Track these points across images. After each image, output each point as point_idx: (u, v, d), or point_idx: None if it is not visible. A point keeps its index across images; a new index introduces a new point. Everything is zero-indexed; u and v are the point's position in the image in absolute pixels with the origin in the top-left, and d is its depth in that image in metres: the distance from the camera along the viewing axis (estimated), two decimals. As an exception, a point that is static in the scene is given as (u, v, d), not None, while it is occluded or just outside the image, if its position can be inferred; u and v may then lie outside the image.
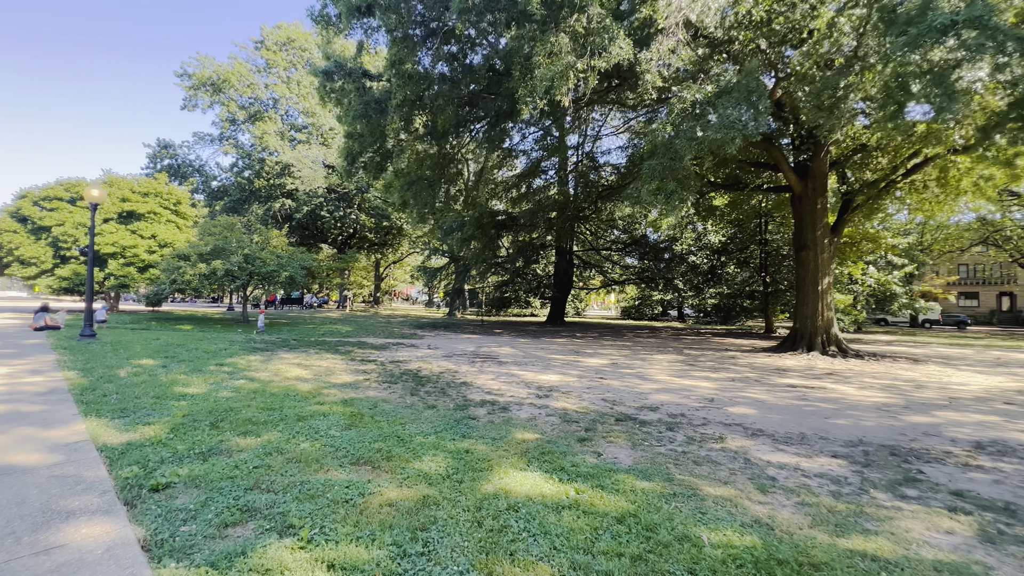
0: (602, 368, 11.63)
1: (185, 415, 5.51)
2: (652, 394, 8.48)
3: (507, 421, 6.01)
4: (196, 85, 36.82)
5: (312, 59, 39.07)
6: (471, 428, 5.55)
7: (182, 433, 4.86)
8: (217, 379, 7.84)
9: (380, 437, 4.95)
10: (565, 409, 6.92)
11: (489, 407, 6.84)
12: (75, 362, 8.95)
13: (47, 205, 24.46)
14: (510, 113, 12.41)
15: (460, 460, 4.37)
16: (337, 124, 38.46)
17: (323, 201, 35.48)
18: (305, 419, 5.55)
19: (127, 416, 5.42)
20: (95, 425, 5.00)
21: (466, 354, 13.71)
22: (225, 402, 6.25)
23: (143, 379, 7.52)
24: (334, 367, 10.05)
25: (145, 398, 6.24)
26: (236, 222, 23.39)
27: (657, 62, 8.57)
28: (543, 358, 13.30)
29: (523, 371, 10.71)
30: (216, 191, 38.69)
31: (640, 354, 15.20)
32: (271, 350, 12.58)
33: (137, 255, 24.32)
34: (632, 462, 4.63)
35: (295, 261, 21.39)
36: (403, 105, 11.65)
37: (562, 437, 5.38)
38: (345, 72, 13.05)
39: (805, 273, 16.00)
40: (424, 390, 7.92)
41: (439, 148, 15.18)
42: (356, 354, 12.59)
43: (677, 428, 6.04)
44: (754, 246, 27.67)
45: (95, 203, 12.79)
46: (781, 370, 12.23)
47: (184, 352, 11.02)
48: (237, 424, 5.25)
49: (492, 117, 14.01)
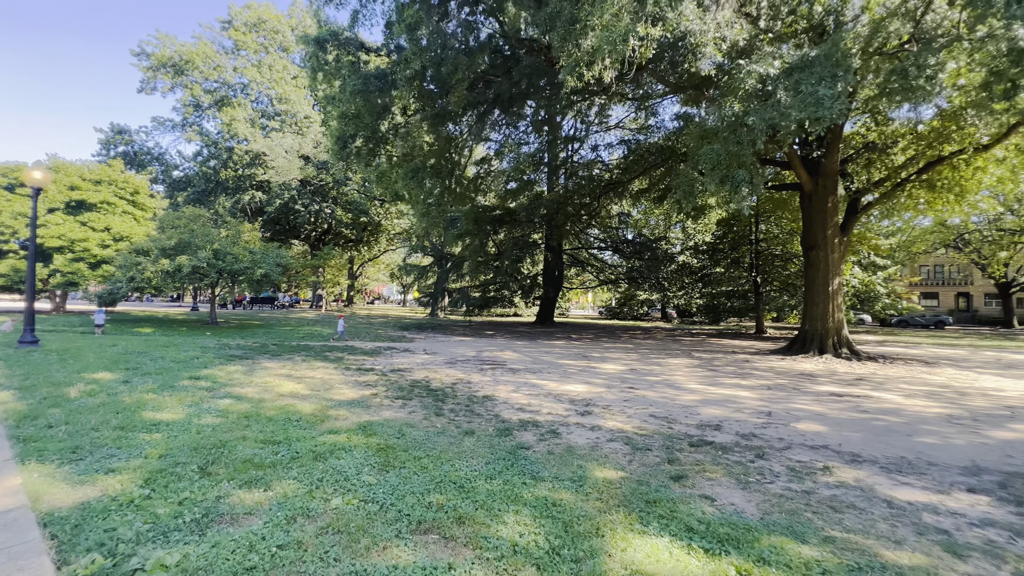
0: (624, 376, 10.73)
1: (163, 455, 4.20)
2: (698, 407, 7.63)
3: (569, 451, 4.95)
4: (155, 66, 33.88)
5: (284, 42, 36.71)
6: (534, 464, 4.45)
7: (162, 485, 3.58)
8: (195, 398, 6.45)
9: (432, 484, 3.80)
10: (621, 431, 5.94)
11: (534, 430, 5.79)
12: (11, 378, 7.33)
13: (-20, 192, 21.73)
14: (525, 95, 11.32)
15: (552, 520, 3.29)
16: (313, 112, 36.36)
17: (297, 194, 33.31)
18: (323, 457, 4.33)
19: (82, 459, 4.06)
20: (36, 477, 3.65)
21: (469, 360, 12.56)
22: (212, 433, 4.94)
23: (100, 401, 6.06)
24: (330, 379, 8.74)
25: (105, 429, 4.85)
26: (204, 214, 21.36)
27: (714, 34, 7.67)
28: (554, 364, 12.30)
29: (542, 380, 9.69)
30: (178, 181, 35.83)
31: (651, 358, 14.41)
32: (251, 357, 11.09)
33: (88, 249, 21.88)
34: (760, 511, 3.66)
35: (270, 258, 19.63)
36: (414, 78, 10.29)
37: (650, 474, 4.36)
38: (340, 42, 11.55)
39: (815, 273, 15.56)
40: (447, 408, 6.77)
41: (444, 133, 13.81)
42: (349, 361, 11.26)
43: (766, 455, 5.14)
44: (745, 246, 27.47)
45: (38, 187, 10.94)
46: (807, 375, 11.64)
47: (149, 362, 9.44)
48: (235, 467, 3.99)
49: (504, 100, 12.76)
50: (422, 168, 13.97)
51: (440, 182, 15.10)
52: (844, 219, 16.49)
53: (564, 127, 22.85)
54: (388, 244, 48.34)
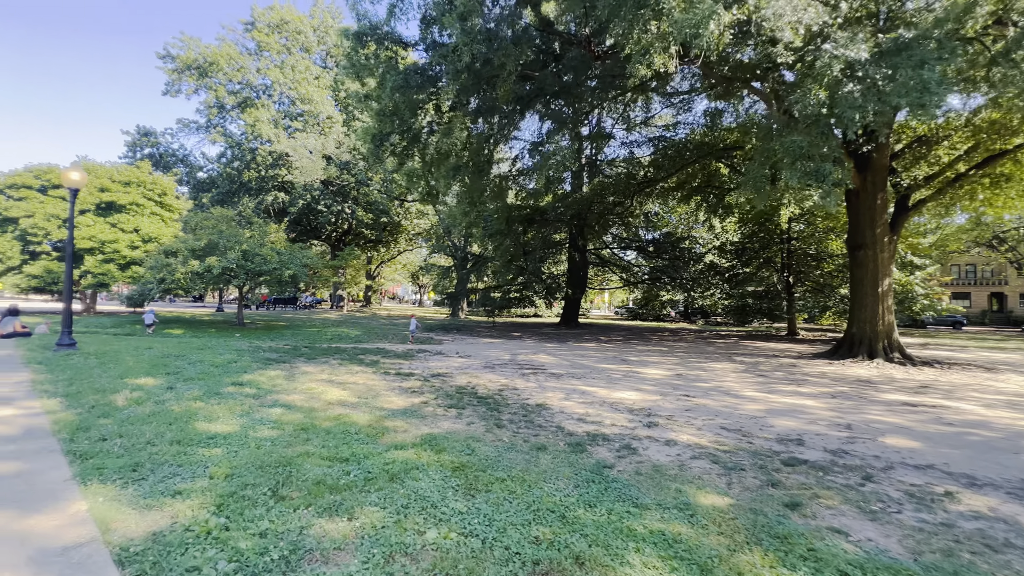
0: (672, 382, 10.26)
1: (228, 474, 3.88)
2: (767, 418, 7.16)
3: (656, 471, 4.53)
4: (180, 68, 34.17)
5: (306, 42, 36.74)
6: (627, 487, 4.04)
7: (236, 512, 3.25)
8: (245, 407, 6.17)
9: (529, 513, 3.41)
10: (700, 446, 5.51)
11: (606, 445, 5.39)
12: (55, 383, 7.14)
13: (14, 194, 21.97)
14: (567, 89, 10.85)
15: (683, 561, 2.88)
16: (335, 113, 36.39)
17: (319, 194, 33.30)
18: (399, 478, 3.98)
19: (144, 479, 3.76)
20: (101, 501, 3.34)
21: (506, 364, 12.19)
22: (272, 447, 4.63)
23: (149, 410, 5.81)
24: (373, 384, 8.43)
25: (161, 443, 4.57)
26: (231, 215, 21.34)
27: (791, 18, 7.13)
28: (594, 368, 11.87)
29: (589, 387, 9.28)
30: (202, 182, 36.10)
31: (691, 362, 13.89)
32: (287, 361, 10.86)
33: (118, 251, 22.02)
34: (907, 550, 3.21)
35: (296, 258, 19.50)
36: (462, 72, 9.86)
37: (759, 500, 3.92)
38: (379, 36, 11.24)
39: (863, 274, 14.86)
40: (505, 418, 6.40)
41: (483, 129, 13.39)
42: (385, 365, 10.97)
43: (874, 478, 4.66)
44: (776, 245, 26.65)
45: (75, 188, 10.86)
46: (865, 382, 11.03)
47: (188, 366, 9.24)
48: (309, 490, 3.65)
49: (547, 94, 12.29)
50: (463, 166, 13.59)
51: (479, 180, 14.71)
52: (893, 217, 15.74)
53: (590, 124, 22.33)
54: (407, 244, 48.27)
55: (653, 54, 7.29)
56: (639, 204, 23.79)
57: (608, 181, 21.95)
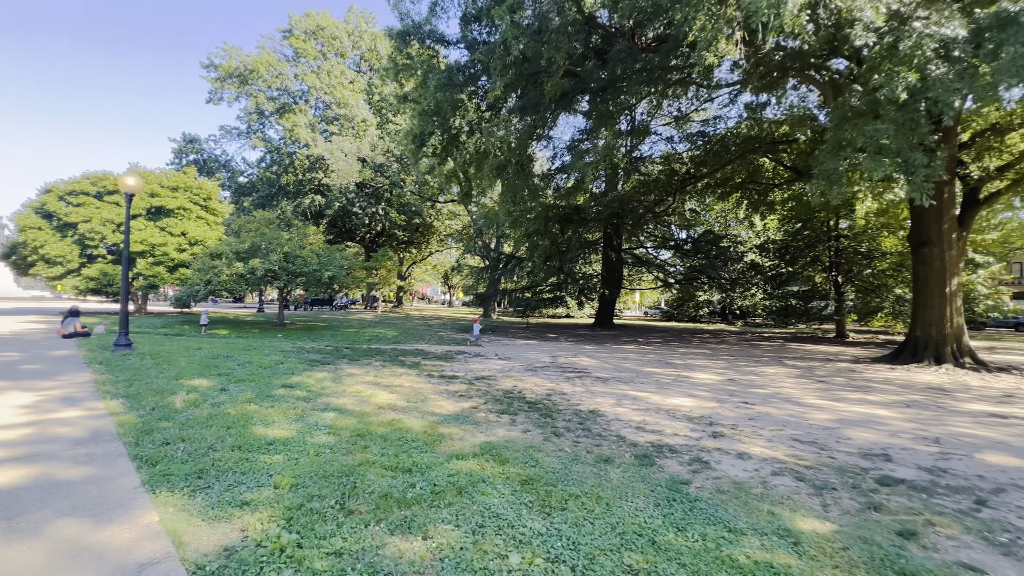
0: (726, 388, 9.76)
1: (293, 484, 3.76)
2: (840, 429, 6.66)
3: (739, 489, 4.18)
4: (222, 77, 35.37)
5: (341, 47, 37.42)
6: (713, 508, 3.71)
7: (307, 527, 3.10)
8: (298, 411, 6.11)
9: (615, 536, 3.14)
10: (776, 459, 5.11)
11: (675, 457, 5.06)
12: (116, 384, 7.30)
13: (73, 200, 23.13)
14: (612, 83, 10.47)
15: (802, 601, 2.54)
16: (369, 116, 36.92)
17: (354, 197, 33.85)
18: (466, 491, 3.76)
19: (210, 487, 3.68)
20: (171, 511, 3.26)
21: (548, 367, 11.92)
22: (331, 454, 4.50)
23: (206, 413, 5.81)
24: (419, 387, 8.31)
25: (223, 449, 4.50)
26: (273, 217, 21.84)
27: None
28: (640, 372, 11.46)
29: (639, 392, 8.90)
30: (243, 187, 37.26)
31: (740, 366, 13.27)
32: (331, 362, 10.90)
33: (167, 253, 22.90)
34: (1062, 594, 2.76)
35: (335, 260, 19.77)
36: (510, 67, 9.65)
37: (865, 527, 3.52)
38: (421, 35, 11.19)
39: (928, 273, 13.87)
40: (560, 426, 6.14)
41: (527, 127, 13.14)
42: (427, 367, 10.87)
43: (989, 503, 4.17)
44: (823, 243, 25.39)
45: (130, 193, 11.22)
46: (937, 389, 10.23)
47: (237, 367, 9.36)
48: (377, 504, 3.48)
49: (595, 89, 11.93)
50: (507, 164, 13.39)
51: (522, 179, 14.47)
52: (961, 212, 14.65)
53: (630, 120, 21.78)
54: (438, 245, 48.60)
55: (720, 40, 6.84)
56: (681, 202, 23.07)
57: (648, 178, 21.32)
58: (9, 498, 3.39)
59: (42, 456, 4.24)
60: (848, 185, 8.36)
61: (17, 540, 2.82)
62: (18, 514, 3.15)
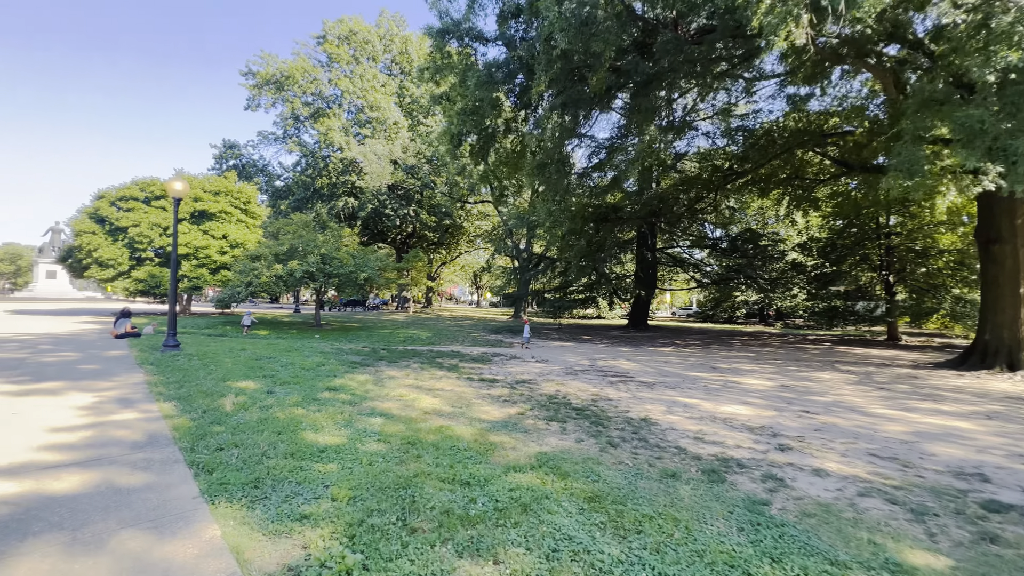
0: (780, 394, 9.24)
1: (350, 496, 3.61)
2: (921, 444, 6.14)
3: (826, 511, 3.80)
4: (260, 83, 36.43)
5: (373, 51, 37.98)
6: (806, 536, 3.36)
7: (371, 547, 2.93)
8: (345, 416, 6.03)
9: (704, 567, 2.85)
10: (858, 478, 4.69)
11: (744, 472, 4.70)
12: (167, 385, 7.42)
13: (123, 205, 24.17)
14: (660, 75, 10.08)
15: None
16: (400, 119, 37.32)
17: (386, 199, 34.27)
18: (531, 509, 3.54)
19: (267, 498, 3.57)
20: (232, 525, 3.15)
21: (588, 370, 11.60)
22: (384, 464, 4.36)
23: (256, 416, 5.78)
24: (461, 392, 8.15)
25: (276, 456, 4.42)
26: (310, 220, 22.24)
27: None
28: (685, 376, 11.01)
29: (688, 398, 8.50)
30: (279, 190, 38.30)
31: (790, 371, 12.63)
32: (371, 364, 10.90)
33: (209, 256, 23.64)
34: None
35: (370, 261, 19.94)
36: (555, 61, 9.42)
37: (984, 561, 3.12)
38: (459, 33, 11.10)
39: (998, 272, 12.87)
40: (613, 435, 5.85)
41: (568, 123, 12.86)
42: (465, 370, 10.73)
43: (1123, 535, 3.64)
44: (873, 242, 24.08)
45: (178, 198, 11.50)
46: (1018, 399, 9.41)
47: (281, 369, 9.43)
48: (439, 520, 3.29)
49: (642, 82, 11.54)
50: (548, 163, 13.16)
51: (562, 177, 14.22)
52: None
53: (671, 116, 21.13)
54: (467, 246, 48.75)
55: (788, 24, 6.37)
56: (722, 199, 22.25)
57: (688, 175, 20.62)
58: (73, 506, 3.36)
59: (102, 460, 4.25)
60: (931, 177, 7.70)
61: (82, 554, 2.75)
62: (83, 524, 3.10)
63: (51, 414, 5.69)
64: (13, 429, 5.07)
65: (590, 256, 20.59)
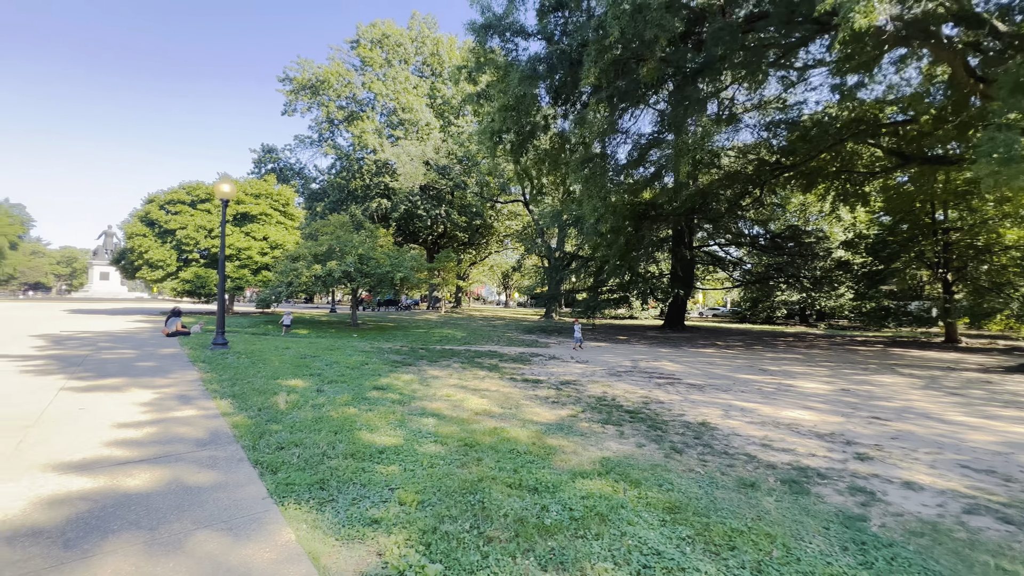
0: (841, 398, 8.72)
1: (418, 501, 3.49)
2: (1016, 455, 5.66)
3: (935, 531, 3.45)
4: (296, 89, 37.39)
5: (405, 54, 38.45)
6: (923, 560, 3.05)
7: (450, 556, 2.79)
8: (397, 416, 5.96)
9: (817, 592, 2.57)
10: (958, 492, 4.30)
11: (828, 484, 4.37)
12: (221, 383, 7.54)
13: (172, 208, 25.17)
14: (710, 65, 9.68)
15: None
16: (432, 120, 37.61)
17: (419, 200, 34.61)
18: (607, 519, 3.33)
19: (334, 500, 3.48)
20: (304, 529, 3.07)
21: (631, 371, 11.27)
22: (446, 467, 4.23)
23: (310, 415, 5.78)
24: (508, 393, 7.99)
25: (336, 457, 4.35)
26: (347, 220, 22.60)
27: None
28: (735, 379, 10.55)
29: (744, 402, 8.09)
30: (315, 193, 39.22)
31: (846, 374, 11.95)
32: (412, 363, 10.88)
33: (251, 257, 24.34)
34: None
35: (405, 261, 20.07)
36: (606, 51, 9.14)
37: None
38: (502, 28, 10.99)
39: (1082, 269, 11.81)
40: (676, 440, 5.57)
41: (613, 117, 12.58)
42: (506, 370, 10.58)
43: None
44: (928, 238, 22.68)
45: (226, 199, 11.79)
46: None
47: (325, 367, 9.51)
48: (514, 530, 3.12)
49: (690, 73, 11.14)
50: (592, 157, 12.87)
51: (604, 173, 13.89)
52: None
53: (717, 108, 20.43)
54: (497, 246, 48.76)
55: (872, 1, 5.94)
56: (768, 194, 21.38)
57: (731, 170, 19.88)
58: (147, 504, 3.35)
59: (169, 458, 4.27)
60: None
61: (162, 555, 2.71)
62: (159, 523, 3.08)
63: (116, 409, 5.83)
64: (83, 425, 5.19)
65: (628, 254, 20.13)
